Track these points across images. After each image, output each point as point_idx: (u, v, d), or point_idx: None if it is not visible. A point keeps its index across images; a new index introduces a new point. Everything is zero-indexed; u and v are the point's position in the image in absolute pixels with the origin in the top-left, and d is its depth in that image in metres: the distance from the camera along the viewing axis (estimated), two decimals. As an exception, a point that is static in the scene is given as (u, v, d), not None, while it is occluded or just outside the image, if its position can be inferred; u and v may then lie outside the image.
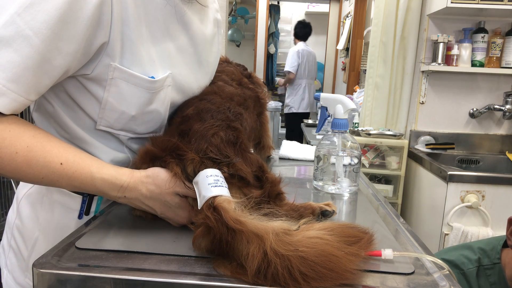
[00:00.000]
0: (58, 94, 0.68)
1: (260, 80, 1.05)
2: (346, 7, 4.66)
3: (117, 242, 0.59)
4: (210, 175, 0.58)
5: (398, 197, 2.30)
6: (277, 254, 0.47)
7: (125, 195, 0.62)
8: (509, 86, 2.23)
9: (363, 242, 0.54)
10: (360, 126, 2.48)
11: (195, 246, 0.55)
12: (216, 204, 0.53)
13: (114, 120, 0.70)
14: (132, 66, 0.66)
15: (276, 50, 6.07)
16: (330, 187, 0.92)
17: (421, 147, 2.29)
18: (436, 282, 0.52)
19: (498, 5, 1.94)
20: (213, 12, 0.89)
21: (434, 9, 2.12)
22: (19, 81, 0.54)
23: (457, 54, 2.15)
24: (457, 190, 1.81)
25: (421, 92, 2.28)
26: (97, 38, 0.61)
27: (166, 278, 0.50)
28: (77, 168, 0.59)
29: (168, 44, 0.72)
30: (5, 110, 0.55)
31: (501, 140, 2.28)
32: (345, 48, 4.24)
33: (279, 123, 4.84)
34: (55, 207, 0.76)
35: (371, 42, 2.38)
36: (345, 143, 0.92)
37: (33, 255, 0.77)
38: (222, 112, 0.71)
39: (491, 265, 1.06)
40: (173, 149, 0.63)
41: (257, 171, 0.64)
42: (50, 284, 0.50)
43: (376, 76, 2.36)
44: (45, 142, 0.58)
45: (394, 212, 0.81)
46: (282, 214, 0.57)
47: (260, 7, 5.54)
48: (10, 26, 0.52)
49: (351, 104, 0.92)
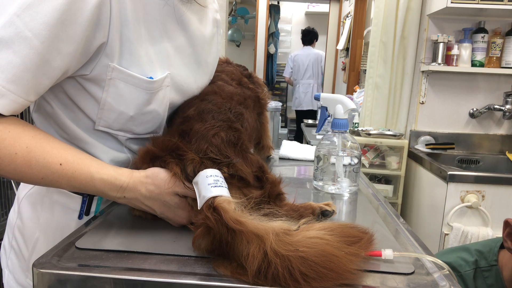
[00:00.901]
0: (57, 95, 0.68)
1: (260, 80, 1.05)
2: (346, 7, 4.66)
3: (117, 242, 0.59)
4: (210, 175, 0.58)
5: (398, 197, 2.30)
6: (277, 254, 0.47)
7: (124, 195, 0.62)
8: (509, 86, 2.23)
9: (363, 242, 0.54)
10: (360, 126, 2.48)
11: (195, 246, 0.55)
12: (216, 205, 0.53)
13: (113, 121, 0.70)
14: (131, 67, 0.66)
15: (276, 50, 6.08)
16: (330, 187, 0.92)
17: (421, 147, 2.29)
18: (436, 282, 0.52)
19: (498, 5, 1.94)
20: (212, 12, 0.89)
21: (434, 9, 2.12)
22: (19, 82, 0.54)
23: (457, 54, 2.15)
24: (457, 190, 1.81)
25: (421, 92, 2.28)
26: (96, 39, 0.60)
27: (166, 278, 0.50)
28: (77, 169, 0.59)
29: (166, 44, 0.72)
30: (5, 111, 0.55)
31: (501, 140, 2.28)
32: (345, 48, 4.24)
33: (279, 123, 4.85)
34: (55, 207, 0.76)
35: (371, 42, 2.38)
36: (345, 143, 0.92)
37: (33, 255, 0.77)
38: (223, 113, 0.71)
39: (488, 267, 1.06)
40: (173, 149, 0.63)
41: (258, 171, 0.64)
42: (50, 284, 0.50)
43: (376, 76, 2.36)
44: (44, 143, 0.58)
45: (394, 212, 0.81)
46: (282, 214, 0.57)
47: (260, 7, 5.54)
48: (9, 27, 0.52)
49: (351, 104, 0.92)
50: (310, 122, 3.57)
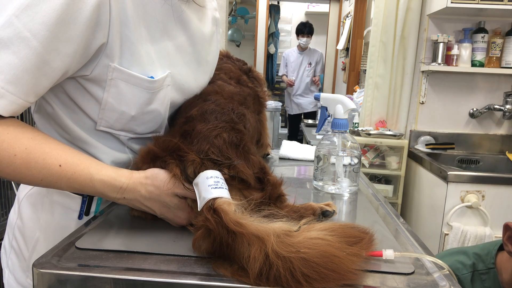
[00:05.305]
0: (57, 95, 0.68)
1: (260, 74, 1.04)
2: (346, 7, 4.67)
3: (117, 242, 0.59)
4: (210, 177, 0.58)
5: (398, 197, 2.30)
6: (278, 256, 0.47)
7: (124, 196, 0.61)
8: (509, 86, 2.23)
9: (364, 242, 0.54)
10: (360, 126, 2.48)
11: (195, 248, 0.55)
12: (216, 206, 0.53)
13: (114, 121, 0.70)
14: (131, 67, 0.66)
15: (276, 50, 6.07)
16: (330, 187, 0.92)
17: (421, 147, 2.29)
18: (436, 282, 0.52)
19: (498, 5, 1.94)
20: (212, 11, 0.89)
21: (434, 9, 2.12)
22: (18, 83, 0.54)
23: (457, 54, 2.15)
24: (457, 190, 1.81)
25: (421, 92, 2.28)
26: (96, 39, 0.60)
27: (166, 278, 0.50)
28: (76, 170, 0.59)
29: (166, 43, 0.72)
30: (4, 112, 0.54)
31: (501, 140, 2.28)
32: (345, 48, 4.24)
33: (279, 123, 4.85)
34: (55, 207, 0.76)
35: (371, 42, 2.38)
36: (345, 143, 0.92)
37: (34, 255, 0.77)
38: (226, 114, 0.70)
39: (486, 270, 1.06)
40: (174, 149, 0.63)
41: (259, 172, 0.64)
42: (50, 284, 0.50)
43: (376, 76, 2.36)
44: (43, 144, 0.58)
45: (394, 212, 0.81)
46: (282, 215, 0.56)
47: (260, 7, 5.54)
48: (8, 28, 0.52)
49: (351, 104, 0.92)
50: (310, 122, 3.58)
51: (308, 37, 4.74)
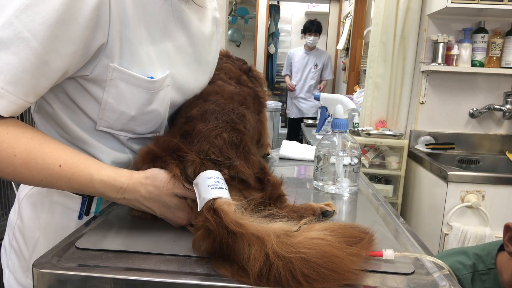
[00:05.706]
0: (57, 95, 0.68)
1: (260, 74, 1.04)
2: (346, 7, 4.67)
3: (117, 242, 0.59)
4: (210, 177, 0.58)
5: (398, 197, 2.30)
6: (278, 256, 0.47)
7: (124, 197, 0.61)
8: (509, 86, 2.23)
9: (364, 242, 0.54)
10: (360, 126, 2.48)
11: (195, 248, 0.55)
12: (216, 207, 0.53)
13: (114, 121, 0.70)
14: (131, 67, 0.66)
15: (276, 50, 6.07)
16: (330, 187, 0.92)
17: (421, 147, 2.29)
18: (436, 282, 0.52)
19: (498, 5, 1.94)
20: (212, 11, 0.89)
21: (434, 9, 2.12)
22: (18, 84, 0.54)
23: (457, 54, 2.15)
24: (457, 190, 1.81)
25: (421, 92, 2.28)
26: (96, 39, 0.60)
27: (166, 278, 0.50)
28: (76, 170, 0.59)
29: (166, 43, 0.72)
30: (4, 113, 0.54)
31: (501, 140, 2.28)
32: (345, 48, 4.24)
33: (279, 123, 4.83)
34: (55, 208, 0.76)
35: (371, 42, 2.38)
36: (345, 143, 0.92)
37: (34, 255, 0.77)
38: (226, 114, 0.70)
39: (486, 270, 1.06)
40: (174, 149, 0.63)
41: (259, 172, 0.64)
42: (50, 284, 0.50)
43: (376, 76, 2.36)
44: (43, 144, 0.58)
45: (394, 212, 0.81)
46: (282, 215, 0.56)
47: (260, 7, 5.54)
48: (7, 28, 0.52)
49: (351, 104, 0.92)
50: (310, 122, 3.58)
51: (315, 36, 4.44)
